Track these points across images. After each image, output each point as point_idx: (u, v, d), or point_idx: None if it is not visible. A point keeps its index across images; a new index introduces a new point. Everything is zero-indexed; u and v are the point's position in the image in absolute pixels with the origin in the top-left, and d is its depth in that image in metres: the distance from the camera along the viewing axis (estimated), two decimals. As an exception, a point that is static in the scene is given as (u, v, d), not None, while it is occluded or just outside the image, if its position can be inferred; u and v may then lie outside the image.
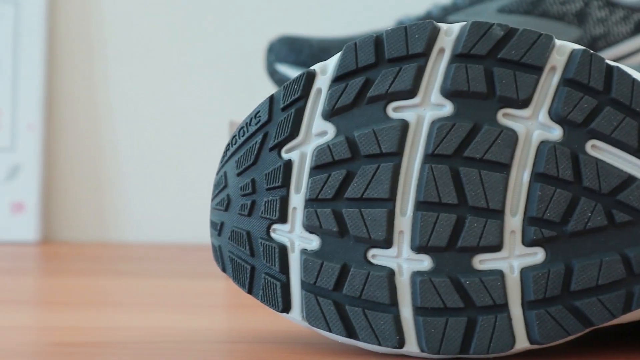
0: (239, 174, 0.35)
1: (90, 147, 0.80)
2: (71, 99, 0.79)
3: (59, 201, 0.79)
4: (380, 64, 0.34)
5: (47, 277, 0.67)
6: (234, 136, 0.36)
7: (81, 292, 0.56)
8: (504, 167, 0.33)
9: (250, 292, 0.35)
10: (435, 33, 0.34)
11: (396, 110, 0.34)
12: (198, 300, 0.52)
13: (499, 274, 0.33)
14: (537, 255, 0.33)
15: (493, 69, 0.33)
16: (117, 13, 0.79)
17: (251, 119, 0.35)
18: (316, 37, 0.65)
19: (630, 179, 0.33)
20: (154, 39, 0.79)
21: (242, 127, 0.36)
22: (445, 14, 0.65)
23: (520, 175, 0.33)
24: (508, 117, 0.34)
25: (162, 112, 0.79)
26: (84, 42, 0.79)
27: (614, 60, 0.64)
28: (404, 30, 0.34)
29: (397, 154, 0.33)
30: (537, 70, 0.33)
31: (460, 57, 0.34)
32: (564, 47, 0.34)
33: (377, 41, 0.34)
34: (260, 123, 0.35)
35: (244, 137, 0.35)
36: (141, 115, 0.80)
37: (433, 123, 0.33)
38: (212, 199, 0.36)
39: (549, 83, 0.34)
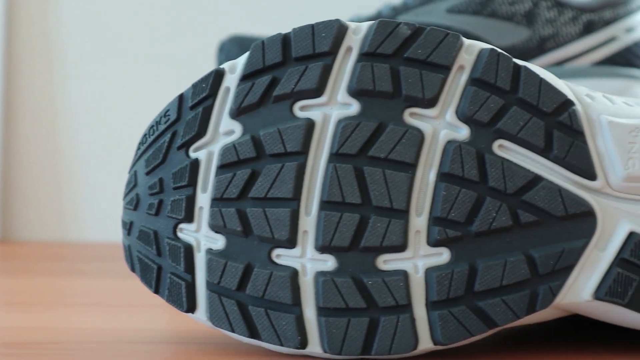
0: (147, 173, 0.35)
1: (50, 146, 0.79)
2: (30, 98, 0.79)
3: (18, 200, 0.79)
4: (287, 63, 0.34)
5: (5, 277, 0.67)
6: (145, 135, 0.35)
7: (39, 292, 0.55)
8: (409, 167, 0.33)
9: (156, 292, 0.35)
10: (342, 32, 0.34)
11: (303, 110, 0.34)
12: (157, 301, 0.52)
13: (403, 274, 0.33)
14: (443, 256, 0.33)
15: (399, 68, 0.33)
16: (76, 12, 0.79)
17: (161, 118, 0.35)
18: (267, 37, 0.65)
19: (537, 179, 0.33)
20: (113, 39, 0.79)
21: (152, 126, 0.35)
22: (395, 14, 0.65)
23: (427, 175, 0.33)
24: (415, 117, 0.33)
25: (122, 111, 0.79)
26: (43, 41, 0.79)
27: (564, 62, 0.64)
28: (310, 28, 0.34)
29: (302, 154, 0.33)
30: (444, 69, 0.33)
31: (366, 56, 0.33)
32: (472, 47, 0.34)
33: (285, 40, 0.34)
34: (169, 122, 0.35)
35: (154, 136, 0.35)
36: (100, 114, 0.79)
37: (339, 122, 0.33)
38: (123, 198, 0.36)
39: (456, 82, 0.33)
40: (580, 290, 0.33)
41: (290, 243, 0.33)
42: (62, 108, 0.79)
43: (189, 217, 0.34)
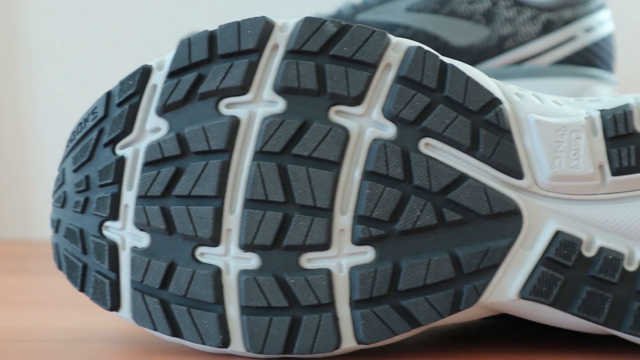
0: (75, 170, 0.35)
1: (14, 145, 0.79)
2: (-6, 96, 0.79)
3: (-18, 199, 0.79)
4: (213, 60, 0.33)
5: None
6: (73, 132, 0.35)
7: (2, 291, 0.55)
8: (333, 165, 0.33)
9: (82, 290, 0.35)
10: (268, 29, 0.33)
11: (229, 107, 0.33)
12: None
13: (326, 273, 0.32)
14: (367, 254, 0.33)
15: (325, 66, 0.33)
16: (41, 11, 0.78)
17: (89, 115, 0.35)
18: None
19: (462, 177, 0.33)
20: (77, 37, 0.79)
21: (80, 123, 0.35)
22: (355, 12, 0.65)
23: (352, 173, 0.33)
24: (341, 115, 0.33)
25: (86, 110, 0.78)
26: (7, 39, 0.79)
27: (523, 61, 0.64)
28: (236, 25, 0.33)
29: (226, 151, 0.33)
30: (370, 67, 0.33)
31: (292, 53, 0.33)
32: (400, 44, 0.34)
33: (211, 37, 0.34)
34: (97, 119, 0.35)
35: (82, 134, 0.35)
36: (65, 114, 0.79)
37: (264, 120, 0.33)
38: (52, 196, 0.36)
39: (383, 80, 0.33)
40: (506, 289, 0.33)
41: (214, 241, 0.33)
42: (26, 109, 0.79)
43: (114, 215, 0.34)
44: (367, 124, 0.33)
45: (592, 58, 0.65)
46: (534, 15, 0.63)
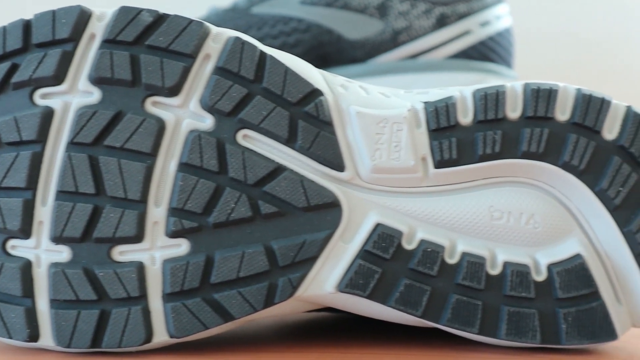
0: None
1: None
2: None
3: None
4: (28, 49, 0.33)
5: None
6: None
7: None
8: (147, 157, 0.32)
9: None
10: (84, 18, 0.33)
11: (44, 98, 0.33)
12: None
13: (137, 266, 0.32)
14: (181, 247, 0.32)
15: (140, 56, 0.33)
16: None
17: None
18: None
19: (279, 169, 0.33)
20: None
21: None
22: (250, 5, 0.65)
23: (168, 165, 0.33)
24: (158, 106, 0.33)
25: None
26: None
27: (418, 55, 0.64)
28: (52, 14, 0.33)
29: (38, 142, 0.32)
30: (187, 57, 0.33)
31: (107, 43, 0.33)
32: (220, 35, 0.33)
33: (26, 25, 0.33)
34: None
35: None
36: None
37: (77, 111, 0.33)
38: None
39: (202, 71, 0.33)
40: (324, 282, 0.33)
41: (24, 234, 0.32)
42: None
43: None
44: (184, 115, 0.33)
45: (487, 52, 0.65)
46: (428, 9, 0.63)
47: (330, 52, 0.63)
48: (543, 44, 0.82)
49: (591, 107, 0.34)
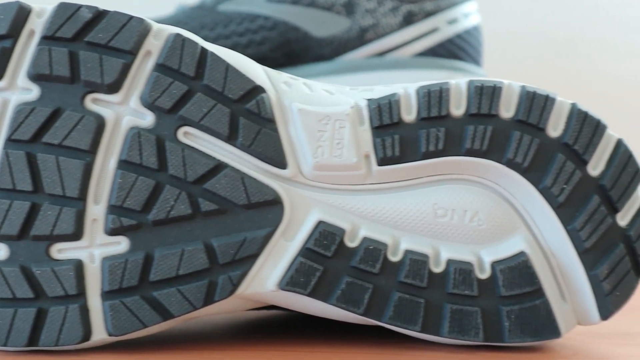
0: None
1: None
2: None
3: None
4: (-33, 46, 0.33)
5: None
6: None
7: None
8: (86, 154, 0.32)
9: None
10: (23, 14, 0.33)
11: (-17, 95, 0.33)
12: None
13: (75, 264, 0.32)
14: (121, 245, 0.32)
15: (79, 53, 0.32)
16: None
17: None
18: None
19: (220, 166, 0.32)
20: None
21: None
22: (217, 3, 0.65)
23: (107, 163, 0.32)
24: (98, 103, 0.33)
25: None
26: None
27: (385, 52, 0.64)
28: (-12, 11, 0.33)
29: (-25, 140, 0.32)
30: (127, 54, 0.32)
31: (46, 39, 0.32)
32: (161, 32, 0.33)
33: (-34, 22, 0.33)
34: None
35: None
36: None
37: (16, 107, 0.32)
38: None
39: (143, 68, 0.33)
40: (265, 280, 0.33)
41: (-39, 231, 0.32)
42: None
43: None
44: (125, 112, 0.33)
45: (455, 50, 0.64)
46: (395, 7, 0.63)
47: (297, 49, 0.63)
48: (513, 42, 0.82)
49: (535, 104, 0.34)
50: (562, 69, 0.80)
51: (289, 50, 0.62)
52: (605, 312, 0.34)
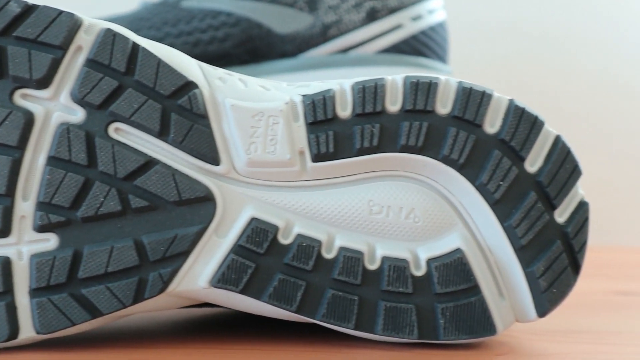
0: None
1: None
2: None
3: None
4: None
5: None
6: None
7: None
8: (14, 150, 0.32)
9: None
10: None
11: None
12: None
13: (2, 261, 0.31)
14: (50, 242, 0.32)
15: (7, 47, 0.32)
16: None
17: None
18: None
19: (151, 162, 0.32)
20: None
21: None
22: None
23: (37, 159, 0.32)
24: (27, 98, 0.32)
25: None
26: None
27: (348, 49, 0.63)
28: None
29: None
30: (57, 49, 0.32)
31: (-25, 35, 0.32)
32: (92, 27, 0.33)
33: None
34: None
35: None
36: None
37: (-57, 103, 0.32)
38: None
39: (74, 63, 0.32)
40: (197, 277, 0.32)
41: None
42: None
43: None
44: (55, 108, 0.32)
45: (420, 47, 0.64)
46: (358, 3, 0.62)
47: (260, 46, 0.62)
48: (482, 39, 0.82)
49: (471, 100, 0.34)
50: (532, 64, 0.80)
51: (252, 47, 0.62)
52: (542, 309, 0.34)
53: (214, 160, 0.33)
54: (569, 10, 0.82)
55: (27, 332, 0.32)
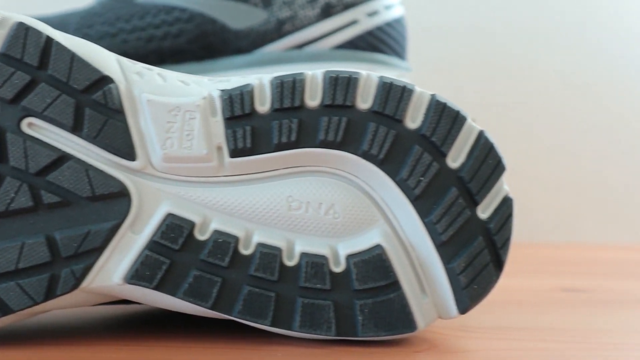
0: None
1: None
2: None
3: None
4: None
5: None
6: None
7: None
8: None
9: None
10: None
11: None
12: None
13: None
14: (-40, 238, 0.32)
15: None
16: None
17: None
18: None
19: (64, 158, 0.32)
20: None
21: None
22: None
23: (-52, 154, 0.32)
24: (-61, 93, 0.32)
25: None
26: None
27: (303, 45, 0.63)
28: None
29: None
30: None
31: None
32: (6, 20, 0.32)
33: None
34: None
35: None
36: None
37: None
38: None
39: (-13, 57, 0.32)
40: (111, 273, 0.32)
41: None
42: None
43: None
44: (-33, 102, 0.32)
45: (376, 43, 0.64)
46: (312, -1, 0.62)
47: (214, 42, 0.62)
48: (444, 36, 0.82)
49: (392, 95, 0.33)
50: (496, 62, 0.80)
51: (207, 43, 0.62)
52: (463, 305, 0.34)
53: (130, 155, 0.32)
54: (532, 9, 0.82)
55: (-63, 329, 0.31)
